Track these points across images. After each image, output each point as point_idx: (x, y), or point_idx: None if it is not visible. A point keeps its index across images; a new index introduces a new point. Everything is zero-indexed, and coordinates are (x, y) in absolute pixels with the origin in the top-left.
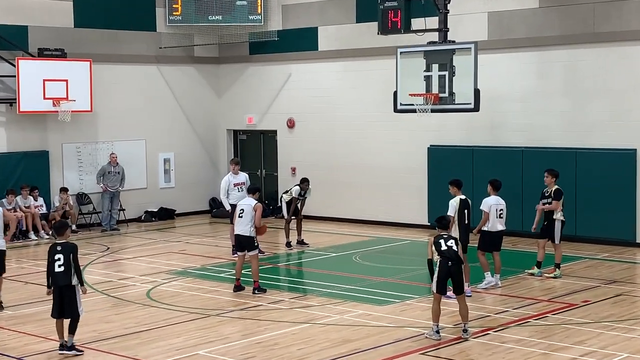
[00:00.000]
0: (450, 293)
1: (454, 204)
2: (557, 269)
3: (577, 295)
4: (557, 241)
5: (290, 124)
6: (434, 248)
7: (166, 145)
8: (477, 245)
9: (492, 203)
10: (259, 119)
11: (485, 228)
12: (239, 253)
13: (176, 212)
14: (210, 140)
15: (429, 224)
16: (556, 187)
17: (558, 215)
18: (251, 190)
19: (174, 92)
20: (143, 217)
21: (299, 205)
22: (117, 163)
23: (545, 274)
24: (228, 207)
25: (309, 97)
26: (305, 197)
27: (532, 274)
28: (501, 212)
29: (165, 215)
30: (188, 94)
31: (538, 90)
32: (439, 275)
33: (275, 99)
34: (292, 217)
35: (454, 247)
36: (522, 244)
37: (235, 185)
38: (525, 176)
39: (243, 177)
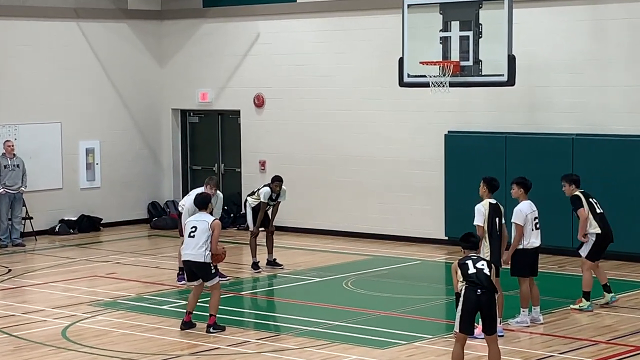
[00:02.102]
0: (477, 332)
1: (482, 209)
2: (583, 299)
3: None
4: (584, 256)
5: (258, 103)
6: (459, 274)
7: (89, 130)
8: (509, 271)
9: (527, 212)
10: (215, 95)
11: (520, 246)
12: (193, 283)
13: (102, 222)
14: (149, 123)
15: (446, 238)
16: (575, 193)
17: (591, 228)
18: (203, 204)
19: (99, 58)
20: (58, 228)
21: (269, 212)
22: (15, 154)
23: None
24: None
25: (283, 66)
26: (278, 202)
27: (580, 309)
28: (537, 221)
29: (88, 225)
30: (119, 61)
31: (593, 58)
32: (463, 307)
33: (238, 69)
34: (261, 229)
35: (486, 270)
36: (572, 265)
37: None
38: (576, 172)
39: (216, 199)
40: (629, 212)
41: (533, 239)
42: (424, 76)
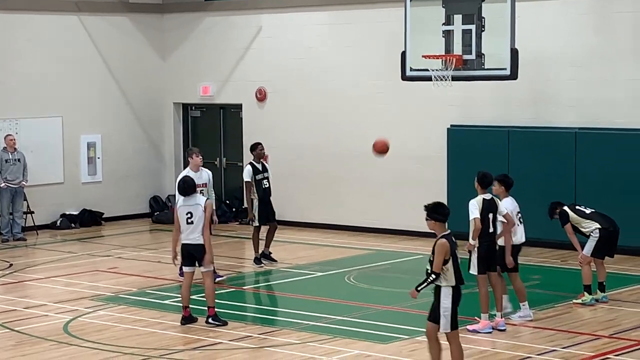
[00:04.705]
0: (479, 326)
1: (475, 204)
2: (585, 294)
3: None
4: (586, 253)
5: (261, 97)
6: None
7: (91, 124)
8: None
9: (511, 208)
10: (217, 90)
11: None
12: (186, 269)
13: (104, 216)
14: (151, 118)
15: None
16: (564, 208)
17: (589, 228)
18: (191, 190)
19: (101, 52)
20: (59, 222)
21: (258, 193)
22: (16, 149)
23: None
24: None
25: (285, 59)
26: (267, 177)
27: (583, 303)
28: (520, 217)
29: (89, 220)
30: (121, 55)
31: (598, 52)
32: (452, 304)
33: (240, 63)
34: (266, 223)
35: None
36: (574, 259)
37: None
38: (579, 167)
39: (206, 175)
40: (631, 206)
41: (520, 235)
42: (427, 70)
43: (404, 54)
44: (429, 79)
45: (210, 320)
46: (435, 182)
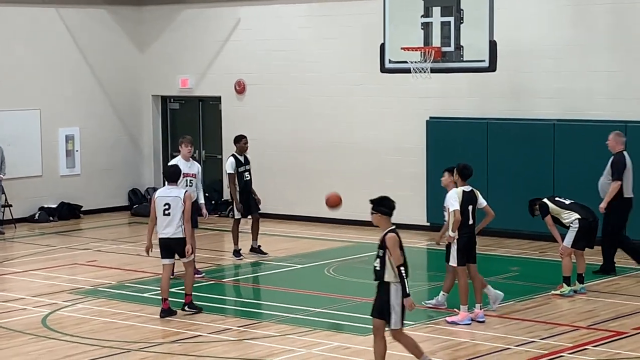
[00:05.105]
0: (458, 318)
1: (455, 196)
2: (564, 285)
3: (627, 321)
4: (566, 244)
5: (240, 89)
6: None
7: (69, 117)
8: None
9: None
10: (196, 82)
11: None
12: (165, 261)
13: (83, 209)
14: (129, 110)
15: (428, 224)
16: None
17: (569, 218)
18: (175, 177)
19: (79, 45)
20: (37, 215)
21: (239, 185)
22: None
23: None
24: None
25: (264, 51)
26: (248, 169)
27: (561, 294)
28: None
29: (67, 213)
30: (99, 47)
31: (576, 44)
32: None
33: (219, 55)
34: (248, 216)
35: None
36: (553, 250)
37: (185, 176)
38: (558, 158)
39: (196, 167)
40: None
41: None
42: (406, 62)
43: (383, 46)
44: (407, 71)
45: (186, 308)
46: (415, 174)
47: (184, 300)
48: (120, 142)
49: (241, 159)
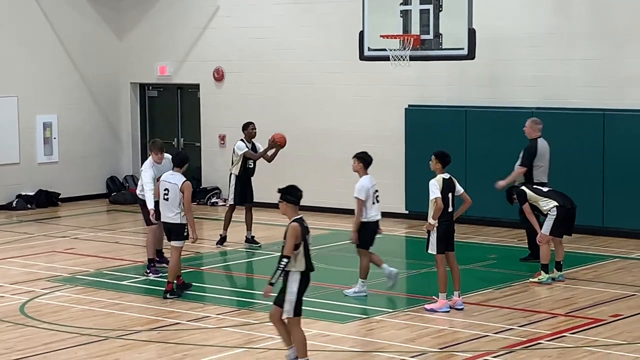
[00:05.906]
0: (432, 306)
1: (436, 184)
2: (542, 272)
3: (605, 308)
4: (545, 232)
5: (218, 76)
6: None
7: (46, 105)
8: (359, 243)
9: (369, 186)
10: (174, 69)
11: (363, 219)
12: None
13: (60, 197)
14: (107, 97)
15: (407, 212)
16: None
17: (547, 205)
18: (179, 162)
19: (56, 31)
20: (15, 203)
21: (240, 171)
22: None
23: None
24: (152, 206)
25: (242, 39)
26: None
27: (539, 282)
28: (377, 195)
29: (45, 200)
30: (77, 34)
31: (555, 32)
32: (300, 290)
33: (197, 42)
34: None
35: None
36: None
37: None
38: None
39: (168, 162)
40: (588, 185)
41: (374, 212)
42: (385, 50)
43: (361, 34)
44: (386, 58)
45: (167, 295)
46: (393, 162)
47: (166, 287)
48: (99, 129)
49: (249, 145)
